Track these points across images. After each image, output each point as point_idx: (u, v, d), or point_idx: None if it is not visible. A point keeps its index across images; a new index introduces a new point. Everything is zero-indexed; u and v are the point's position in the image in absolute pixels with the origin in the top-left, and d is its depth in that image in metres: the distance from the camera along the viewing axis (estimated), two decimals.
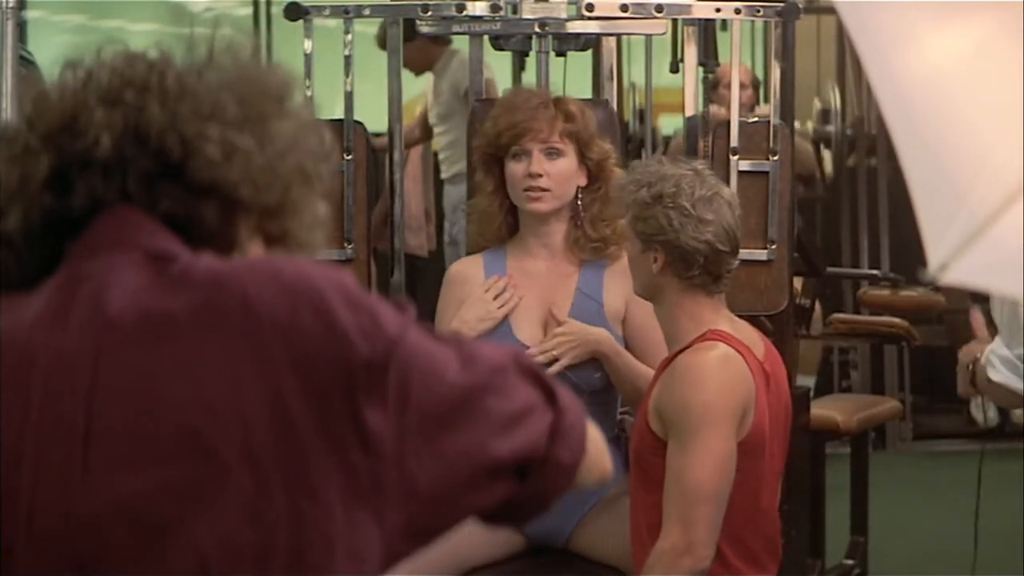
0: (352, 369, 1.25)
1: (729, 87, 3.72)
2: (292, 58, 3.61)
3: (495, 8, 3.56)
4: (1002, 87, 1.51)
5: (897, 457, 6.60)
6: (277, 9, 6.31)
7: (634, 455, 2.88)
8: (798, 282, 4.43)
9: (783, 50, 3.63)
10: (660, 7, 3.57)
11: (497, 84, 5.64)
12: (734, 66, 3.79)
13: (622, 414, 3.34)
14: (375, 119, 3.87)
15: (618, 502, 3.10)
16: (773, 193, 3.53)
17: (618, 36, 4.32)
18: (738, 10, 3.59)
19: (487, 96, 3.98)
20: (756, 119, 3.85)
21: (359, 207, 3.53)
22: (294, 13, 3.54)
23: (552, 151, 3.24)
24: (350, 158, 3.52)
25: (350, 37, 3.56)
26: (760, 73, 6.63)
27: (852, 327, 4.90)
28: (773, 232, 3.51)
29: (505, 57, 5.06)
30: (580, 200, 3.29)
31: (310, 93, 3.51)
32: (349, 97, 3.55)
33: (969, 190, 1.45)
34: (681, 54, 3.98)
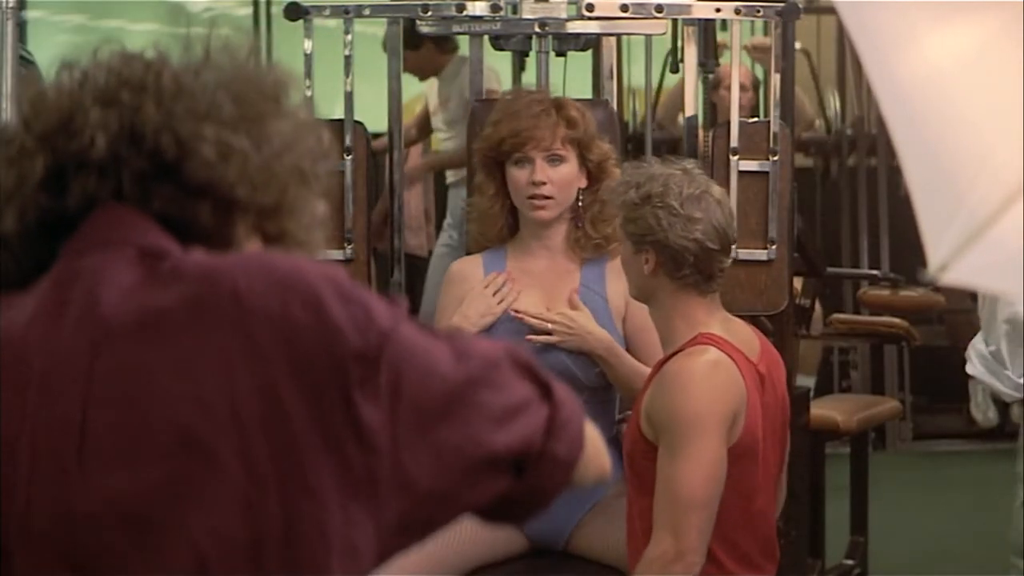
0: (345, 362, 1.25)
1: (729, 88, 3.73)
2: (292, 58, 3.61)
3: (495, 8, 3.56)
4: (1002, 87, 1.51)
5: (897, 457, 6.60)
6: (277, 9, 6.31)
7: (627, 459, 2.86)
8: (798, 282, 4.43)
9: (783, 50, 3.63)
10: (660, 7, 3.57)
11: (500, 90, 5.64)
12: (734, 66, 3.80)
13: (619, 421, 3.34)
14: (375, 119, 3.87)
15: (617, 503, 3.10)
16: (773, 193, 3.53)
17: (618, 36, 4.32)
18: (738, 10, 3.59)
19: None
20: (756, 120, 3.84)
21: (359, 207, 3.53)
22: (294, 13, 3.54)
23: (554, 158, 3.25)
24: (350, 158, 3.52)
25: (350, 37, 3.56)
26: (760, 73, 6.64)
27: (852, 327, 4.90)
28: (773, 232, 3.51)
29: (505, 57, 5.06)
30: (581, 201, 3.29)
31: (310, 93, 3.51)
32: (349, 97, 3.55)
33: (969, 190, 1.45)
34: (681, 54, 3.98)
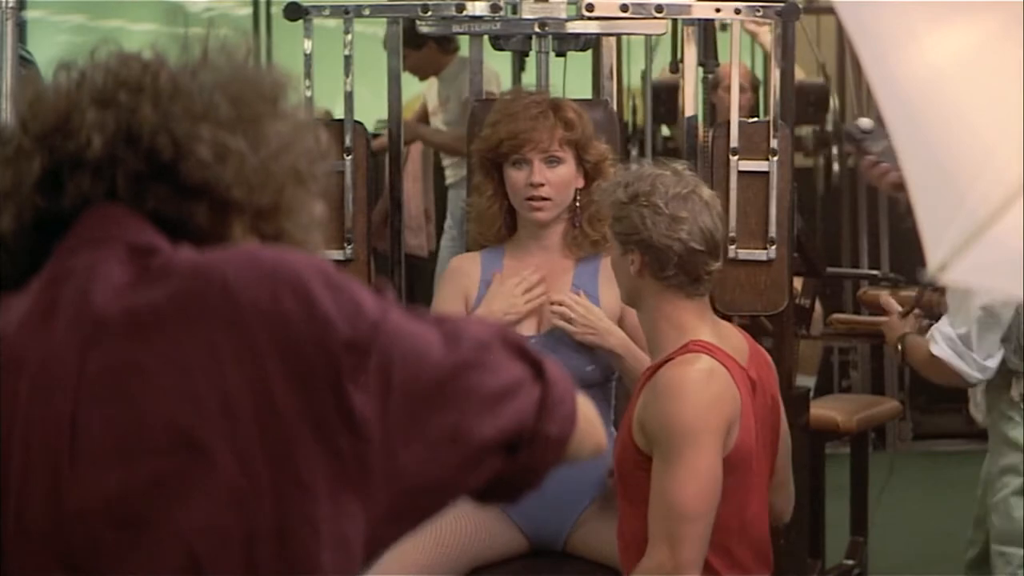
0: (335, 351, 1.25)
1: (729, 90, 3.72)
2: (292, 58, 3.60)
3: (495, 8, 3.56)
4: (1002, 87, 1.51)
5: (897, 457, 6.59)
6: (277, 9, 6.30)
7: (617, 468, 2.82)
8: (798, 282, 4.43)
9: (783, 50, 3.63)
10: (660, 7, 3.57)
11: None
12: (734, 67, 3.79)
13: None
14: (375, 119, 3.87)
15: (614, 501, 3.10)
16: (773, 193, 3.53)
17: (618, 36, 4.32)
18: (738, 10, 3.59)
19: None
20: (756, 120, 3.84)
21: (359, 207, 3.53)
22: (294, 13, 3.54)
23: (552, 159, 3.26)
24: (350, 158, 3.52)
25: (350, 37, 3.56)
26: (760, 73, 6.63)
27: (852, 327, 4.88)
28: (773, 232, 3.51)
29: (505, 57, 5.06)
30: (578, 201, 3.30)
31: (310, 93, 3.51)
32: (349, 97, 3.55)
33: (969, 190, 1.45)
34: (681, 54, 3.98)
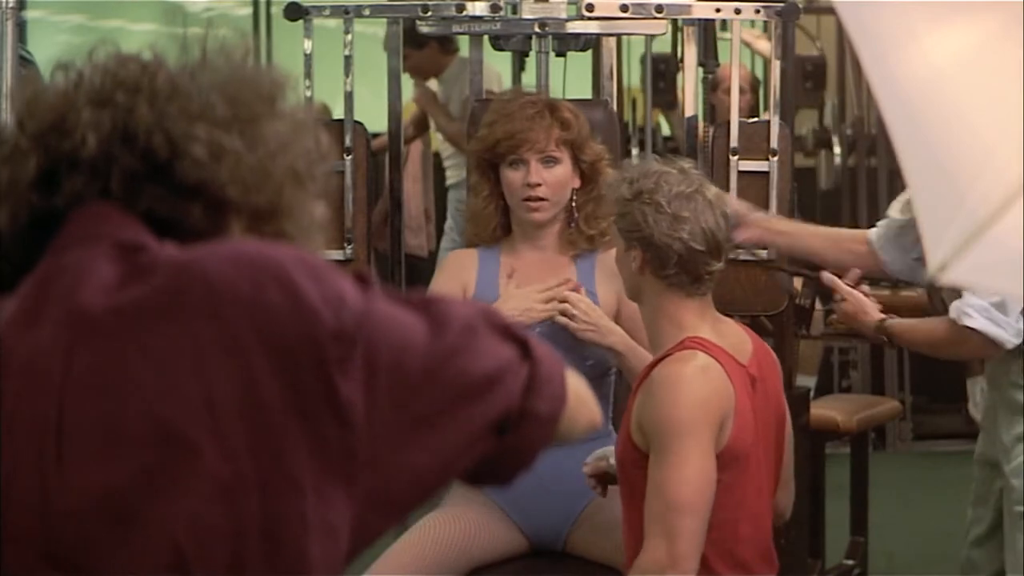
0: (321, 341, 1.25)
1: (729, 92, 3.72)
2: (292, 58, 3.61)
3: (495, 8, 3.56)
4: (1002, 87, 1.51)
5: (897, 457, 6.60)
6: (277, 9, 6.31)
7: (619, 465, 2.84)
8: (798, 282, 4.43)
9: (783, 50, 3.63)
10: (660, 7, 3.57)
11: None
12: (734, 67, 3.80)
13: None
14: (375, 119, 3.87)
15: (612, 500, 3.10)
16: (773, 193, 3.53)
17: (618, 36, 4.32)
18: (738, 10, 3.59)
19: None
20: (756, 120, 3.84)
21: (359, 207, 3.53)
22: (294, 13, 3.54)
23: (549, 159, 3.26)
24: (350, 158, 3.52)
25: (350, 37, 3.56)
26: (760, 73, 6.64)
27: (852, 327, 4.88)
28: None
29: (505, 57, 5.06)
30: (574, 201, 3.30)
31: (310, 93, 3.51)
32: (349, 97, 3.55)
33: (969, 190, 1.45)
34: (681, 54, 3.98)
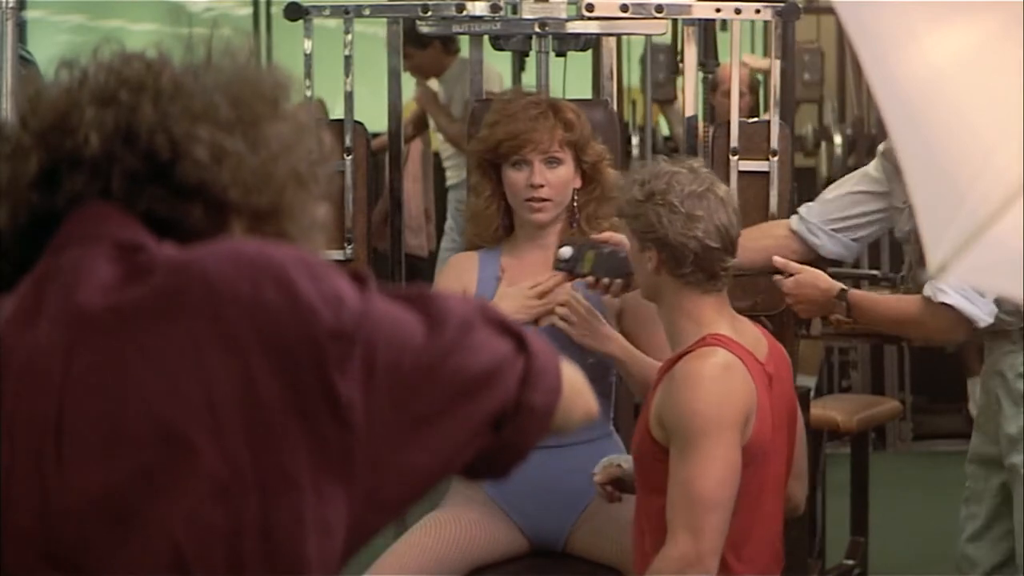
0: (320, 341, 1.25)
1: (728, 94, 3.72)
2: (292, 58, 3.61)
3: (495, 8, 3.56)
4: (1002, 87, 1.51)
5: (897, 457, 6.60)
6: (277, 9, 6.31)
7: (635, 458, 2.86)
8: None
9: (783, 50, 3.63)
10: (660, 7, 3.57)
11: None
12: (734, 67, 3.79)
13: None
14: (375, 119, 3.87)
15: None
16: (773, 193, 3.53)
17: (618, 36, 4.32)
18: (738, 10, 3.59)
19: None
20: (756, 119, 3.84)
21: (359, 207, 3.53)
22: (294, 13, 3.54)
23: (552, 160, 3.26)
24: (350, 158, 3.52)
25: (350, 37, 3.56)
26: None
27: (852, 327, 4.89)
28: None
29: (505, 57, 5.06)
30: (576, 201, 3.30)
31: (310, 93, 3.51)
32: (349, 97, 3.55)
33: (969, 190, 1.45)
34: (681, 54, 3.98)
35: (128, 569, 1.23)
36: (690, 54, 3.75)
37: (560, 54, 3.77)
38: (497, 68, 5.64)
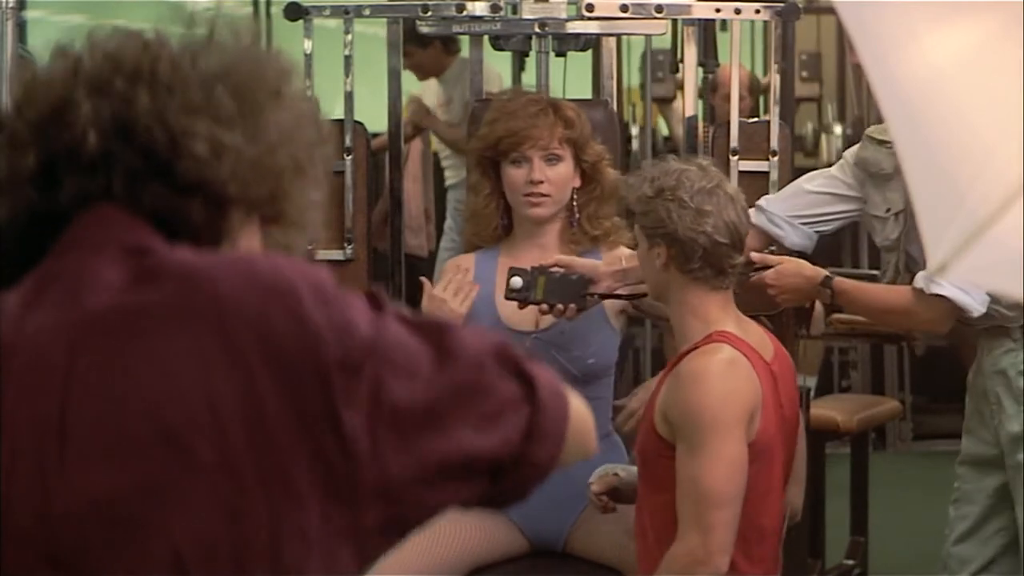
0: (327, 370, 1.24)
1: (728, 98, 3.72)
2: (292, 58, 3.60)
3: (495, 8, 3.57)
4: (1002, 87, 1.51)
5: (897, 457, 6.60)
6: (277, 9, 6.30)
7: (640, 455, 2.87)
8: None
9: (783, 50, 3.63)
10: (660, 7, 3.58)
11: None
12: (734, 66, 3.79)
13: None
14: (375, 119, 3.87)
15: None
16: (773, 193, 3.53)
17: (618, 36, 4.32)
18: (738, 10, 3.59)
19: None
20: (756, 119, 3.84)
21: (359, 207, 3.54)
22: (294, 13, 3.54)
23: (552, 157, 3.26)
24: (350, 158, 3.52)
25: (350, 37, 3.57)
26: (760, 72, 6.63)
27: (852, 327, 4.89)
28: None
29: (505, 57, 5.06)
30: (575, 201, 3.30)
31: (310, 93, 3.50)
32: (349, 97, 3.55)
33: (969, 190, 1.45)
34: (681, 54, 3.98)
35: (128, 574, 1.23)
36: (690, 54, 3.76)
37: (560, 54, 3.77)
38: (497, 68, 5.64)
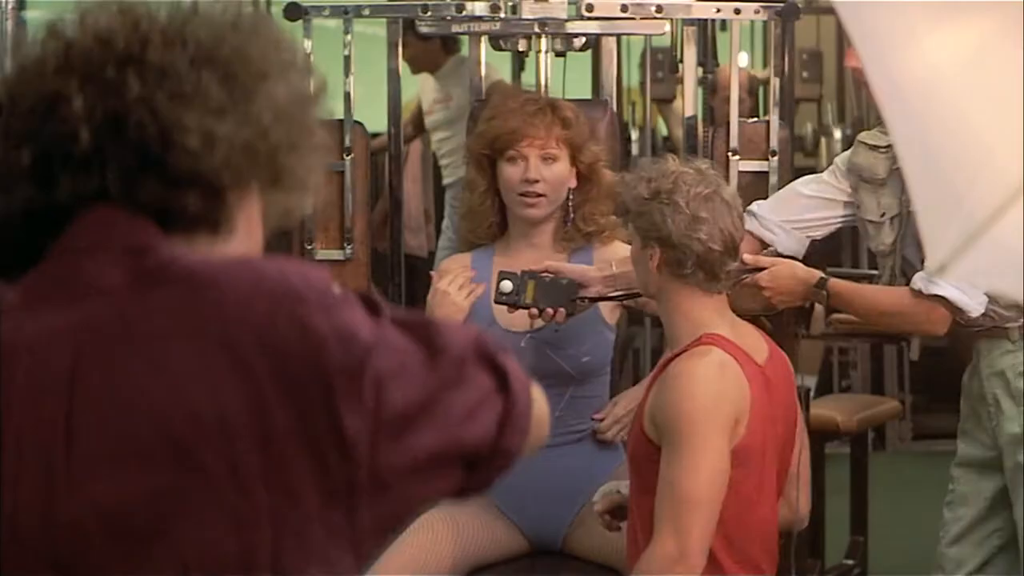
0: (329, 376, 1.24)
1: (727, 99, 3.72)
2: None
3: (495, 8, 3.56)
4: (1002, 88, 1.51)
5: (897, 457, 6.60)
6: (277, 9, 6.30)
7: (630, 459, 2.86)
8: None
9: (783, 50, 3.63)
10: (660, 7, 3.58)
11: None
12: (733, 66, 3.79)
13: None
14: (375, 119, 3.87)
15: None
16: (772, 193, 3.53)
17: (618, 36, 4.32)
18: (738, 10, 3.59)
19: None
20: (756, 119, 3.84)
21: (359, 207, 3.53)
22: (294, 13, 3.54)
23: (548, 157, 3.25)
24: (350, 158, 3.52)
25: (350, 37, 3.57)
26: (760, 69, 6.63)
27: (852, 327, 4.89)
28: None
29: (505, 57, 5.06)
30: (571, 201, 3.29)
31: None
32: (348, 97, 3.55)
33: (969, 190, 1.45)
34: (681, 54, 3.98)
35: None
36: (689, 54, 3.76)
37: (560, 54, 3.77)
38: (496, 68, 5.64)
